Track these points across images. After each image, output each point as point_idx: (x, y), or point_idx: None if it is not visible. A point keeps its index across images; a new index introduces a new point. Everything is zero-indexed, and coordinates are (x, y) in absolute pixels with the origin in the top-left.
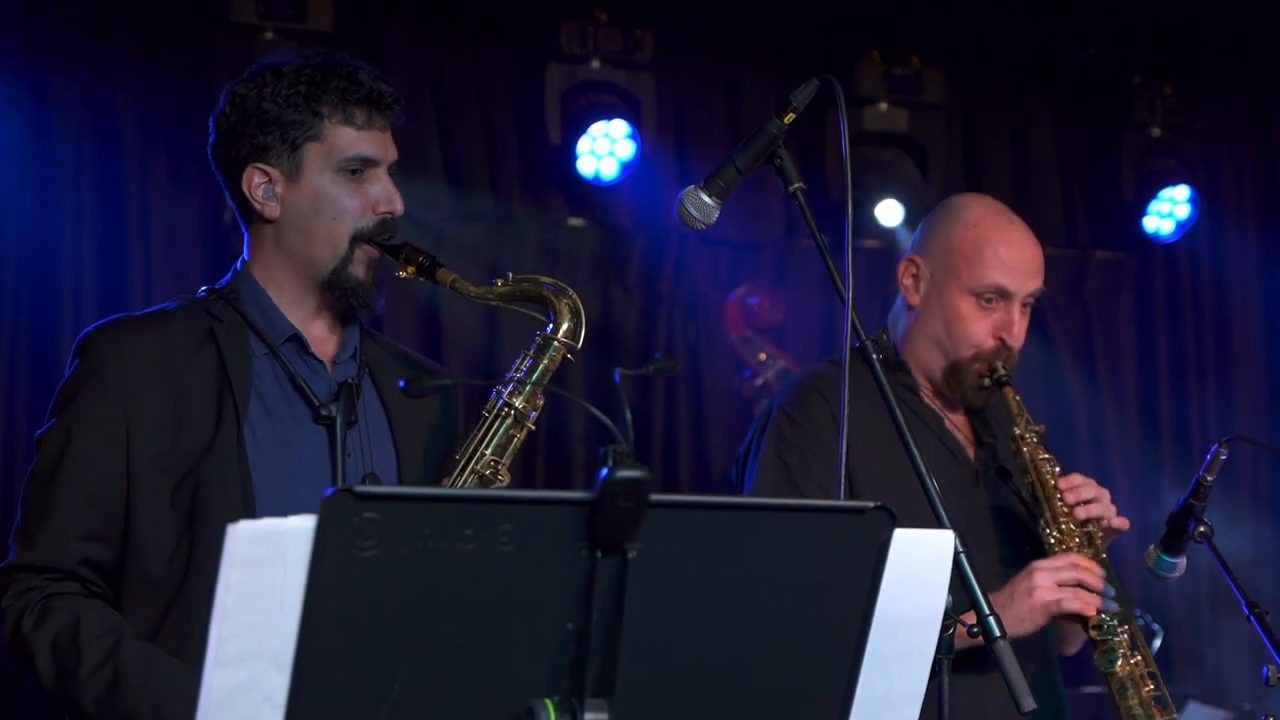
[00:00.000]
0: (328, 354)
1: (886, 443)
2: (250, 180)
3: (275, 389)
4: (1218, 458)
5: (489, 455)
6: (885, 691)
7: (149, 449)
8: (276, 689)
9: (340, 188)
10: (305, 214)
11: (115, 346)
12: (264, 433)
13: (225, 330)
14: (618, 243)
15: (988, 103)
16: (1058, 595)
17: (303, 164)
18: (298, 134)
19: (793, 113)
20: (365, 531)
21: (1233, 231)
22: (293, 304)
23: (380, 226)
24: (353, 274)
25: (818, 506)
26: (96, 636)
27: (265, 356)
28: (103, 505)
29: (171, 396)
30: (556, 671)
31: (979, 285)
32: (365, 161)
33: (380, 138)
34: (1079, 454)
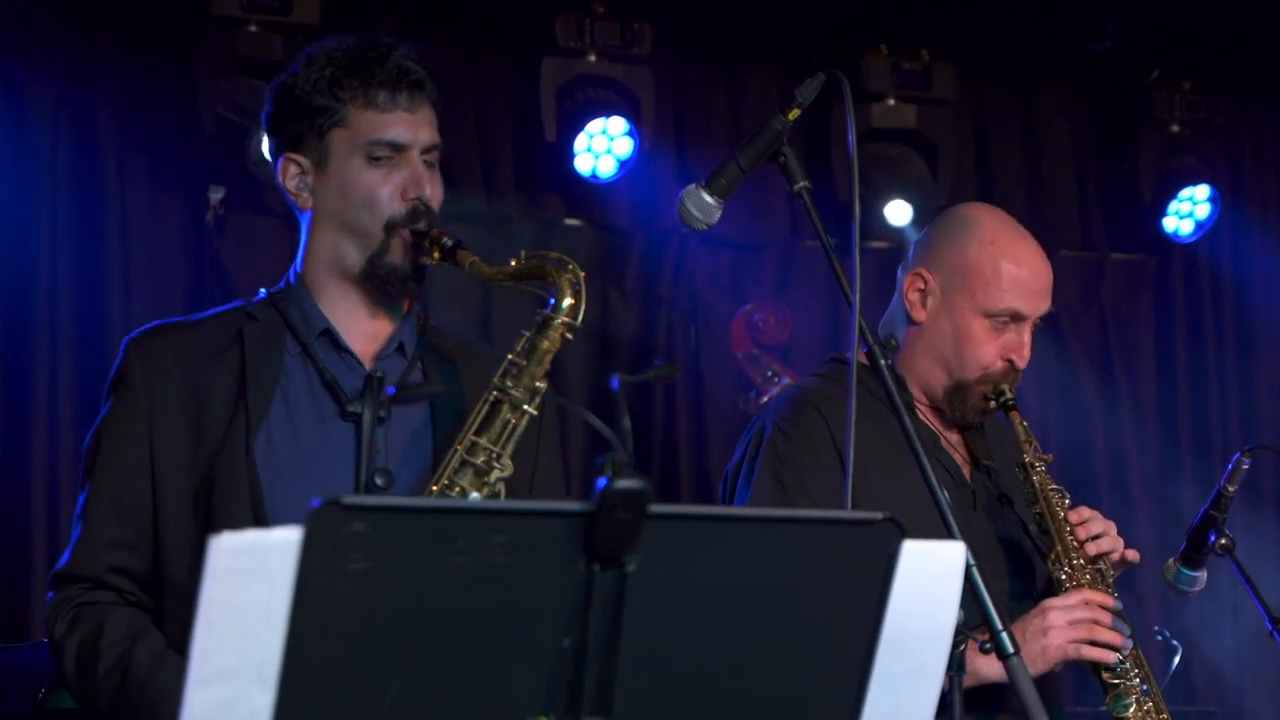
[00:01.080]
0: (368, 350)
1: (887, 461)
2: (285, 172)
3: (304, 387)
4: (1239, 467)
5: (482, 443)
6: (894, 710)
7: (172, 455)
8: (261, 707)
9: (368, 174)
10: (334, 203)
11: (141, 352)
12: (281, 433)
13: (258, 330)
14: (616, 244)
15: (1000, 98)
16: (1073, 637)
17: (329, 152)
18: (324, 121)
19: (798, 108)
20: (353, 544)
21: (1255, 232)
22: (332, 298)
23: (411, 214)
24: (389, 261)
25: (824, 518)
26: (115, 641)
27: (299, 355)
28: (130, 514)
29: (193, 401)
30: (552, 689)
31: (994, 308)
32: (392, 146)
33: (410, 120)
34: (1095, 464)
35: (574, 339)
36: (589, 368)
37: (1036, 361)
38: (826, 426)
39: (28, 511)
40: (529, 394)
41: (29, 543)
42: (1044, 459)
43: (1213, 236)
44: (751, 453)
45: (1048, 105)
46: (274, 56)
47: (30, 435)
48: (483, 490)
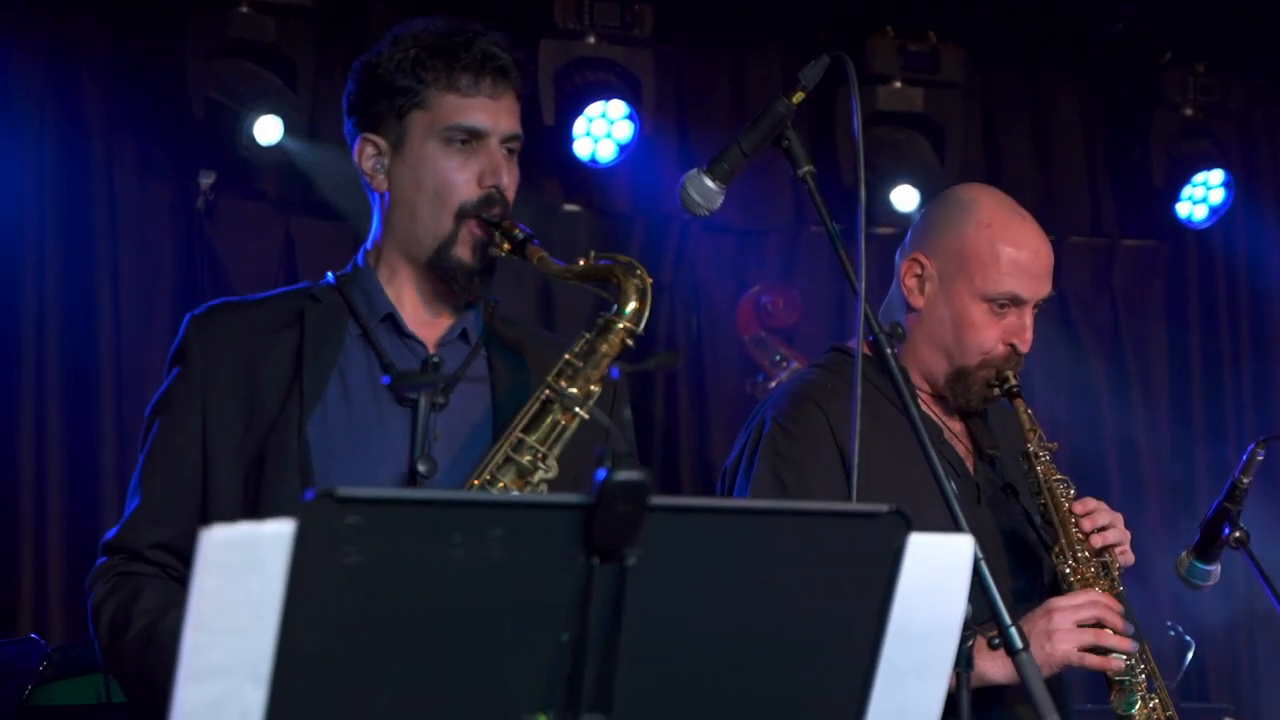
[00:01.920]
0: (432, 336)
1: (888, 455)
2: (362, 152)
3: (363, 371)
4: (1254, 458)
5: (530, 441)
6: (900, 706)
7: (224, 435)
8: (253, 704)
9: (445, 159)
10: (408, 186)
11: (201, 329)
12: (337, 415)
13: (320, 312)
14: (616, 230)
15: (1008, 81)
16: (1079, 643)
17: (407, 133)
18: (404, 101)
19: (801, 91)
20: (348, 537)
21: (1270, 217)
22: (399, 282)
23: (485, 201)
24: (456, 255)
25: (828, 510)
26: (147, 609)
27: (359, 338)
28: (180, 492)
29: (247, 380)
30: (551, 684)
31: (994, 292)
32: (471, 132)
33: (491, 106)
34: (1105, 455)
35: (565, 330)
36: None
37: (1046, 350)
38: (827, 421)
39: (14, 503)
40: (583, 396)
41: (16, 534)
42: (1048, 447)
43: (1227, 222)
44: (750, 449)
45: (1058, 88)
46: (266, 38)
47: (17, 424)
48: (524, 490)
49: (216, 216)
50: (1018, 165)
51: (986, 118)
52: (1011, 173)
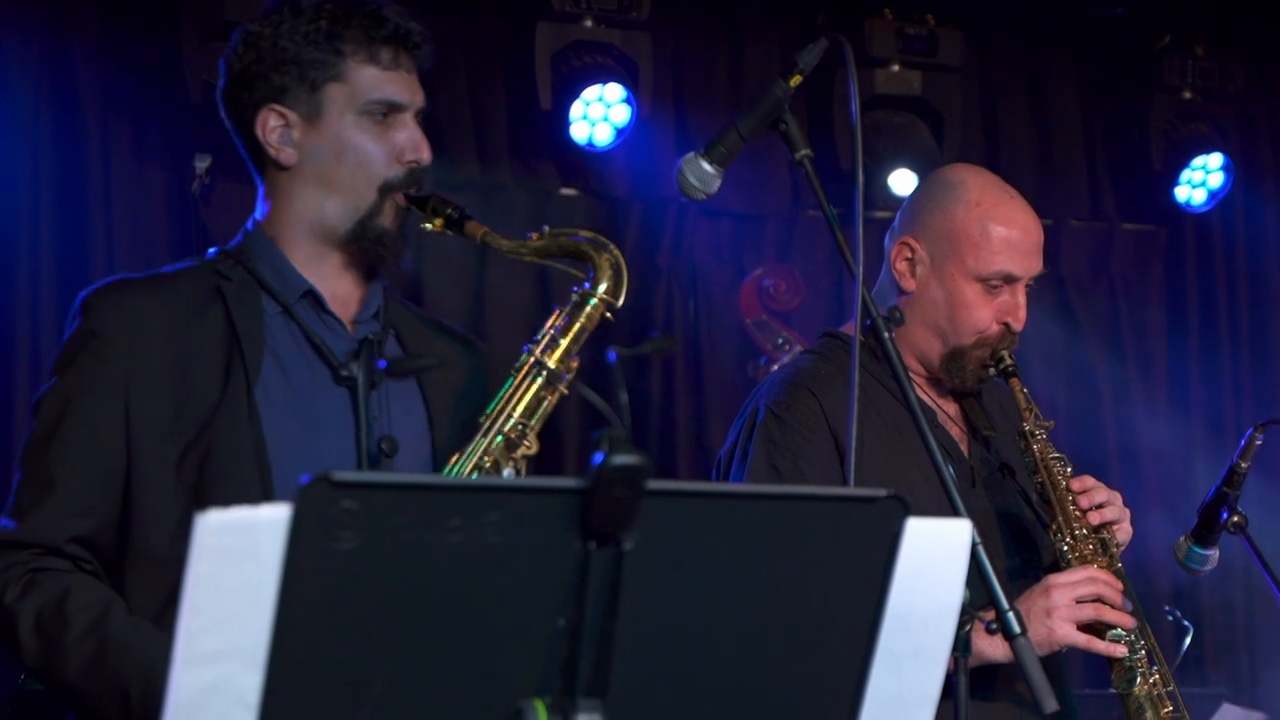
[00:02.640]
0: (347, 314)
1: (881, 441)
2: (265, 124)
3: (291, 348)
4: (1253, 443)
5: (517, 417)
6: (897, 692)
7: (152, 416)
8: (249, 690)
9: (364, 133)
10: (326, 161)
11: (117, 306)
12: (280, 394)
13: (235, 289)
14: (613, 214)
15: (1007, 64)
16: (1078, 618)
17: (323, 106)
18: (318, 74)
19: (799, 75)
20: (343, 522)
21: (1269, 201)
22: (309, 259)
23: (409, 177)
24: (379, 224)
25: (826, 495)
26: (84, 606)
27: (280, 315)
28: (99, 479)
29: (177, 359)
30: (547, 670)
31: (986, 272)
32: (391, 106)
33: (408, 80)
34: (1104, 439)
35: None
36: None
37: (1044, 333)
38: (820, 408)
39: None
40: (564, 372)
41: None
42: (1045, 426)
43: (1226, 206)
44: (745, 437)
45: (1056, 71)
46: None
47: (13, 410)
48: (509, 465)
49: (212, 201)
50: (1016, 149)
51: (985, 101)
52: (1010, 156)
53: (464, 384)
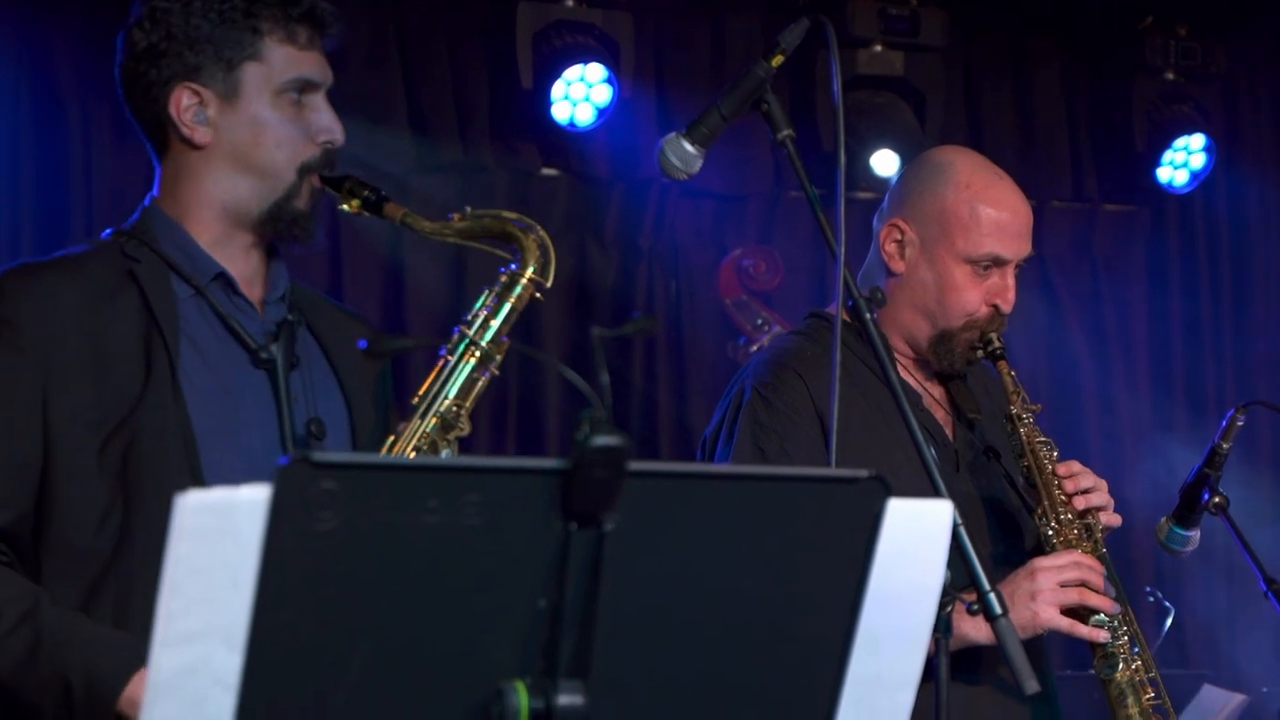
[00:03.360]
0: (256, 296)
1: (866, 423)
2: (179, 102)
3: (207, 332)
4: (1234, 424)
5: (452, 399)
6: (878, 673)
7: (71, 404)
8: (228, 671)
9: (281, 113)
10: (243, 141)
11: (29, 291)
12: (202, 380)
13: (145, 271)
14: (594, 194)
15: (989, 45)
16: (1063, 601)
17: (240, 85)
18: (235, 52)
19: (781, 55)
20: (323, 502)
21: (1252, 182)
22: (216, 240)
23: (325, 157)
24: (295, 206)
25: (808, 476)
26: (11, 600)
27: (191, 298)
28: (16, 469)
29: (94, 345)
30: (528, 651)
31: (976, 254)
32: (308, 85)
33: (320, 59)
34: (1086, 419)
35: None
36: (566, 321)
37: (1027, 315)
38: (806, 389)
39: None
40: (494, 353)
41: None
42: (1032, 409)
43: (1208, 187)
44: (730, 417)
45: (1039, 52)
46: None
47: None
48: (445, 446)
49: None
50: (999, 130)
51: (967, 82)
52: (992, 137)
53: (377, 363)
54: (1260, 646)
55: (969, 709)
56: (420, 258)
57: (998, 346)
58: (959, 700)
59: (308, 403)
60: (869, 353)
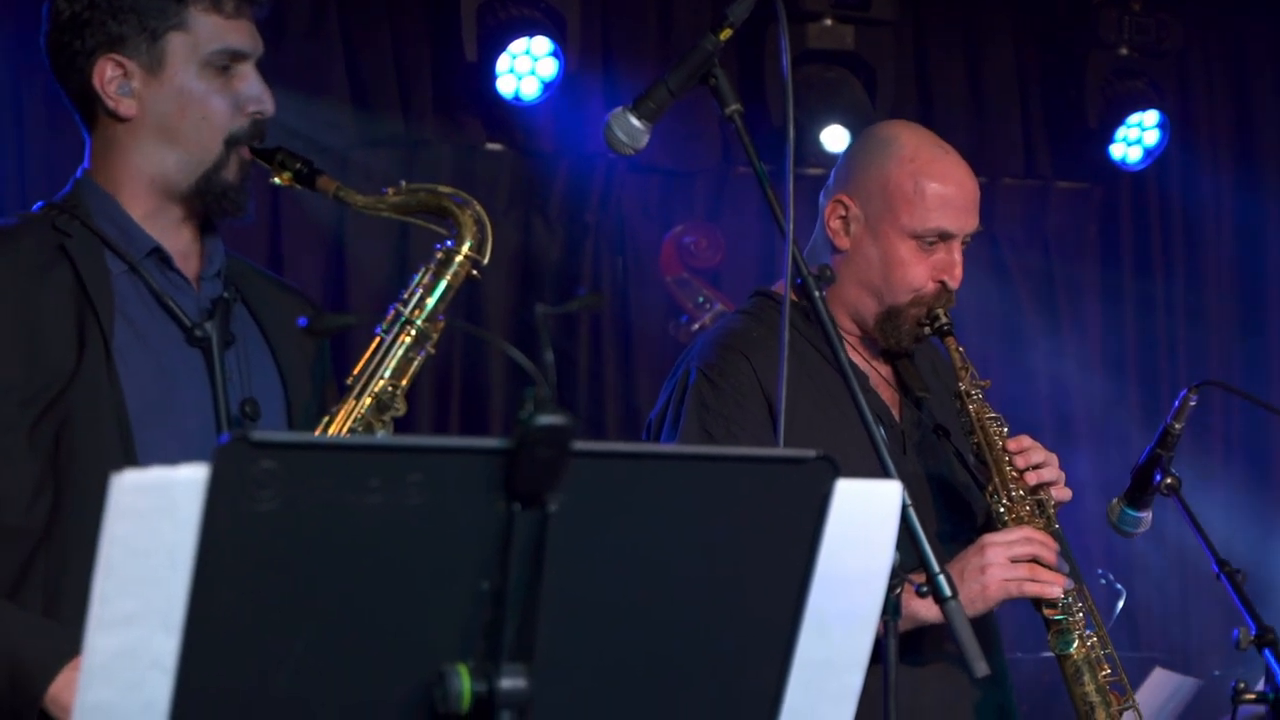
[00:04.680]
0: (191, 271)
1: (814, 405)
2: (102, 73)
3: (141, 309)
4: (1186, 404)
5: (387, 378)
6: (827, 655)
7: (1, 382)
8: (165, 653)
9: (208, 84)
10: (169, 113)
11: None
12: (136, 358)
13: (77, 246)
14: (539, 169)
15: (941, 19)
16: (1014, 575)
17: (165, 56)
18: (159, 22)
19: (729, 28)
20: (262, 482)
21: (1206, 160)
22: (149, 214)
23: (254, 128)
24: (224, 178)
25: (755, 456)
26: None
27: (125, 274)
28: None
29: (24, 321)
30: (471, 634)
31: (921, 229)
32: (235, 55)
33: (249, 28)
34: (1038, 399)
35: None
36: (510, 298)
37: (978, 293)
38: (753, 371)
39: None
40: (430, 331)
41: None
42: (980, 385)
43: (1162, 164)
44: (676, 400)
45: (991, 27)
46: None
47: None
48: (380, 427)
49: None
50: (950, 106)
51: (919, 57)
52: (944, 113)
53: (313, 342)
54: (1212, 629)
55: (917, 692)
56: (362, 234)
57: (945, 323)
58: (907, 683)
59: (242, 381)
60: (816, 333)
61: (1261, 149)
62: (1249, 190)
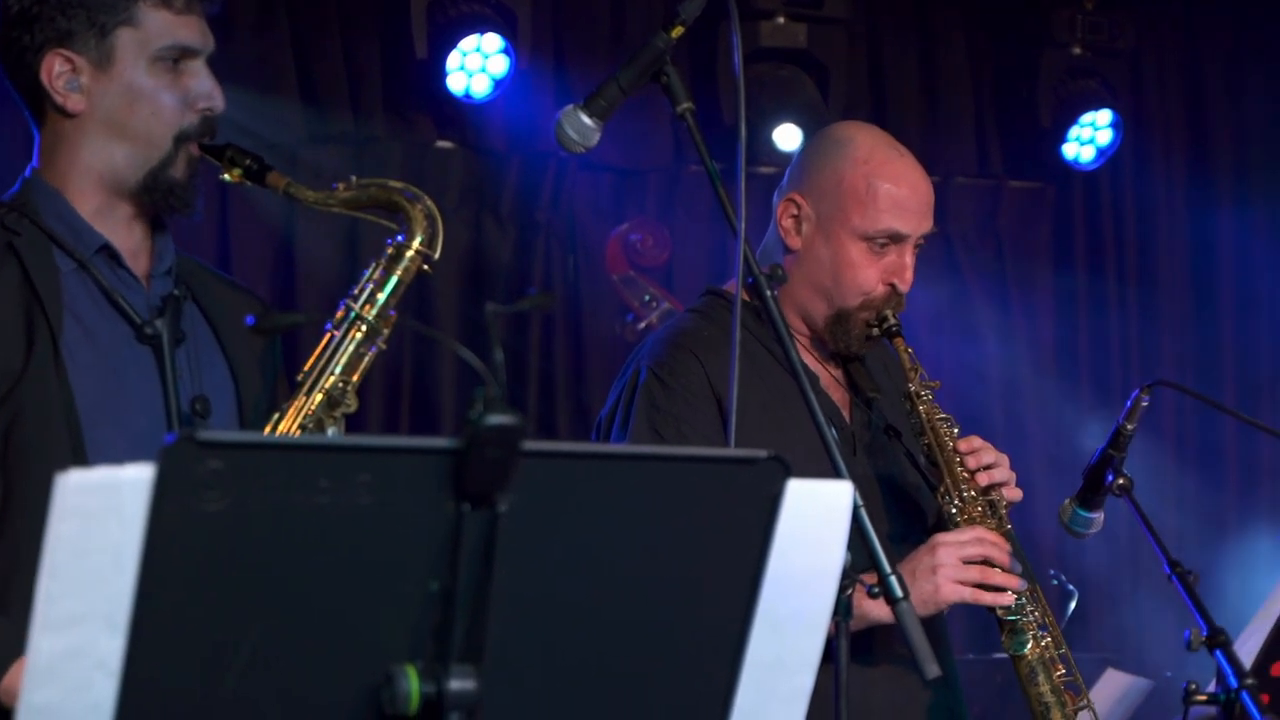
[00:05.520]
0: (141, 268)
1: (764, 407)
2: (50, 69)
3: (90, 307)
4: (1139, 404)
5: (338, 374)
6: (778, 656)
7: None
8: (111, 654)
9: (158, 80)
10: (117, 109)
11: None
12: (85, 356)
13: (26, 244)
14: (490, 167)
15: (894, 18)
16: (965, 576)
17: (114, 52)
18: (108, 18)
19: (681, 26)
20: (210, 482)
21: (1158, 159)
22: (99, 212)
23: (204, 125)
24: (172, 175)
25: (706, 456)
26: None
27: (74, 272)
28: None
29: None
30: (420, 635)
31: (873, 230)
32: (185, 51)
33: (199, 25)
34: (990, 400)
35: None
36: (461, 297)
37: (930, 292)
38: (704, 371)
39: None
40: (381, 326)
41: None
42: (930, 386)
43: (1115, 164)
44: (626, 400)
45: (944, 26)
46: None
47: None
48: (331, 424)
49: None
50: (903, 104)
51: (871, 55)
52: (897, 112)
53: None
54: (1164, 630)
55: (867, 693)
56: (312, 232)
57: (893, 324)
58: (857, 683)
59: (193, 379)
60: (767, 333)
61: (1214, 149)
62: (1201, 190)
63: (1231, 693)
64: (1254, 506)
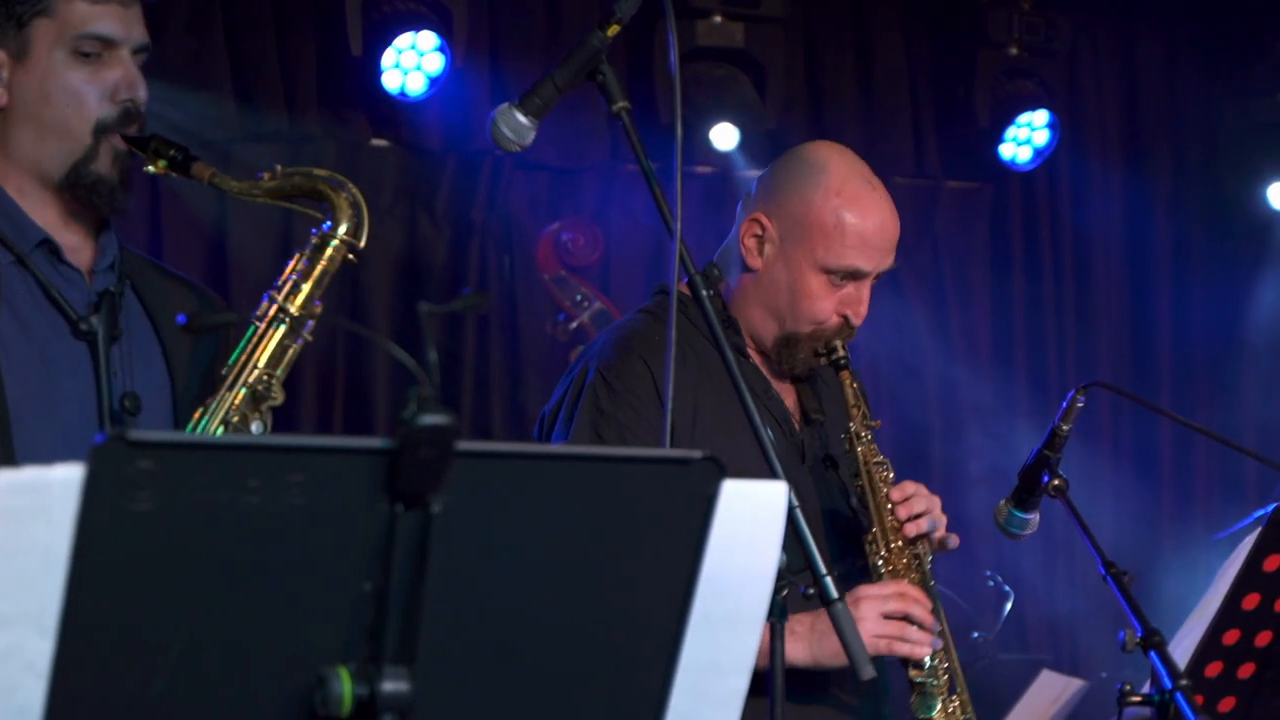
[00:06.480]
0: (84, 263)
1: (716, 412)
2: None
3: (28, 301)
4: (1074, 405)
5: (262, 368)
6: (713, 658)
7: None
8: (39, 656)
9: (74, 71)
10: (35, 101)
11: None
12: (19, 350)
13: None
14: (425, 166)
15: (831, 17)
16: (884, 631)
17: (30, 43)
18: (24, 8)
19: (617, 24)
20: (139, 482)
21: (1095, 160)
22: (39, 206)
23: (124, 116)
24: (95, 169)
25: (640, 457)
26: None
27: (13, 265)
28: None
29: None
30: (353, 636)
31: (835, 265)
32: (104, 42)
33: (122, 14)
34: (927, 400)
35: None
36: (395, 297)
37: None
38: (650, 374)
39: None
40: (306, 319)
41: None
42: (870, 426)
43: (1051, 164)
44: (572, 398)
45: (881, 25)
46: None
47: None
48: (256, 419)
49: None
50: (840, 104)
51: (809, 55)
52: (834, 111)
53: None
54: (1099, 631)
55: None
56: (244, 227)
57: (841, 356)
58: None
59: (127, 376)
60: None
61: (1150, 149)
62: (1138, 190)
63: (1166, 694)
64: (1189, 507)
